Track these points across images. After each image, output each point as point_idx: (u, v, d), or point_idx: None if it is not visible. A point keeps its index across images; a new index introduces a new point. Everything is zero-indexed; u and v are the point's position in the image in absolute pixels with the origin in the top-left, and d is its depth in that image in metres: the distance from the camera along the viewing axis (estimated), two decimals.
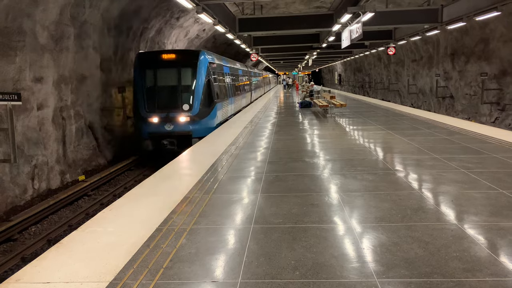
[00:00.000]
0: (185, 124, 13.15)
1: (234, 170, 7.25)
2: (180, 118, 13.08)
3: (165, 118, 13.05)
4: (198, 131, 13.18)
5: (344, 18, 11.45)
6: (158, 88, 13.41)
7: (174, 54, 13.76)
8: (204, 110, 13.53)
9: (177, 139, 13.16)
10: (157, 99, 13.27)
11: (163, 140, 12.98)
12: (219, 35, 24.93)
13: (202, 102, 13.48)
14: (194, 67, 13.50)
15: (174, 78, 13.45)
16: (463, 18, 13.50)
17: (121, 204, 5.37)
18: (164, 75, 13.50)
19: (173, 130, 13.08)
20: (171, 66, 13.51)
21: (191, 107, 13.22)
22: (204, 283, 3.32)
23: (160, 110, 13.15)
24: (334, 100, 18.29)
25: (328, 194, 5.64)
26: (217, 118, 14.53)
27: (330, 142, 9.98)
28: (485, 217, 4.60)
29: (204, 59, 13.92)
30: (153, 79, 13.41)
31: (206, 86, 13.64)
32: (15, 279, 3.42)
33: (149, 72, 13.46)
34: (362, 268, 3.48)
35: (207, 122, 13.72)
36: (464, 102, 20.45)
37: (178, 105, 13.19)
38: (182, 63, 13.55)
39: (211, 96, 14.01)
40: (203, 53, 14.14)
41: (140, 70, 13.47)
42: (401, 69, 29.77)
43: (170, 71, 13.52)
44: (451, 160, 7.52)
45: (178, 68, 13.47)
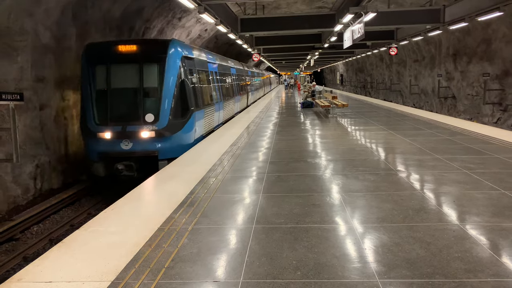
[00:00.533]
0: (148, 141, 9.65)
1: (236, 170, 7.26)
2: (141, 133, 9.59)
3: (121, 134, 9.56)
4: (167, 150, 9.79)
5: (346, 18, 11.45)
6: (112, 92, 9.89)
7: (135, 44, 10.07)
8: (175, 122, 9.97)
9: (137, 162, 9.73)
10: (110, 107, 9.79)
11: (117, 164, 9.50)
12: (221, 35, 24.94)
13: (173, 111, 9.89)
14: (162, 62, 9.99)
15: (134, 78, 9.94)
16: (465, 19, 13.48)
17: (123, 204, 5.38)
18: (120, 74, 10.03)
19: (132, 150, 9.61)
20: (130, 61, 10.02)
21: (157, 117, 9.68)
22: (206, 283, 3.32)
23: (114, 122, 9.66)
24: (336, 100, 18.29)
25: (330, 194, 5.64)
26: (195, 131, 10.89)
27: (332, 142, 9.97)
28: (487, 217, 4.59)
29: (175, 52, 10.26)
30: (104, 80, 9.95)
31: (179, 89, 10.12)
32: (17, 278, 3.43)
33: (100, 69, 10.00)
34: (363, 268, 3.48)
35: (181, 137, 10.15)
36: (466, 102, 20.42)
37: (139, 115, 9.69)
38: (146, 57, 10.03)
39: (186, 102, 10.40)
40: (175, 44, 10.44)
41: (88, 67, 10.01)
42: (403, 69, 29.74)
43: (128, 68, 10.03)
44: (453, 160, 7.51)
45: (139, 64, 9.95)
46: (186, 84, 10.51)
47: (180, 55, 10.45)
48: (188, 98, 10.50)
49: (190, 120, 10.51)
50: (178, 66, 10.21)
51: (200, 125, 11.52)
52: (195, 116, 10.84)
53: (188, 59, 11.15)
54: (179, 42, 10.91)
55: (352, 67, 49.21)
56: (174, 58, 10.17)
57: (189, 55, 11.22)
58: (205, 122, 12.21)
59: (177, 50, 10.41)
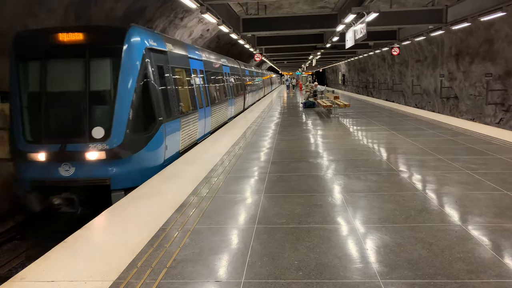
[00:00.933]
0: (97, 165, 7.01)
1: (237, 170, 7.26)
2: (87, 155, 6.96)
3: (59, 155, 6.94)
4: (123, 177, 7.09)
5: (348, 18, 11.44)
6: (48, 98, 7.24)
7: (80, 32, 7.40)
8: (135, 138, 7.30)
9: (81, 193, 7.12)
10: (45, 119, 7.19)
11: (52, 197, 6.99)
12: (223, 35, 24.95)
13: (133, 122, 7.22)
14: (116, 56, 7.31)
15: (78, 78, 7.30)
16: (468, 19, 13.45)
17: (125, 204, 5.39)
18: (58, 73, 7.38)
19: (74, 177, 6.96)
20: (72, 56, 7.40)
21: (108, 132, 7.03)
22: (208, 282, 3.32)
23: (49, 139, 7.06)
24: (337, 101, 18.27)
25: (332, 195, 5.64)
26: (165, 149, 8.17)
27: (334, 143, 9.97)
28: (490, 218, 4.59)
29: (137, 43, 7.59)
30: (38, 81, 7.31)
31: (141, 92, 7.45)
32: (19, 277, 3.44)
33: (32, 67, 7.39)
34: (365, 268, 3.48)
35: (143, 158, 7.47)
36: (468, 102, 20.38)
37: (84, 129, 7.05)
38: (94, 50, 7.38)
39: (151, 110, 7.73)
40: (135, 31, 7.68)
41: (17, 64, 7.41)
42: (405, 69, 29.69)
43: (70, 64, 7.42)
44: (455, 161, 7.49)
45: (86, 58, 7.30)
46: (152, 86, 7.76)
47: (143, 46, 7.71)
48: (155, 105, 7.78)
49: (158, 134, 7.81)
50: (140, 61, 7.49)
51: (174, 140, 8.76)
52: (165, 128, 8.11)
53: (157, 53, 8.43)
54: (143, 30, 8.05)
55: (354, 67, 49.17)
56: (135, 50, 7.49)
57: (158, 48, 8.50)
58: (183, 135, 9.41)
59: (139, 40, 7.65)
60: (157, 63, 8.33)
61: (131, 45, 7.46)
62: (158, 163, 7.87)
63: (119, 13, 13.93)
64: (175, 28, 19.28)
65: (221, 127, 14.17)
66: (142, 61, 7.58)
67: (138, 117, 7.38)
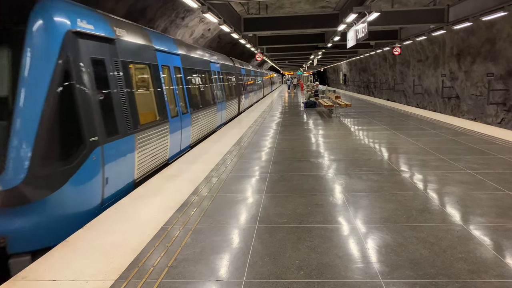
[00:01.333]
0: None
1: (238, 169, 7.26)
2: None
3: None
4: (29, 233, 4.47)
5: (349, 18, 11.43)
6: None
7: None
8: (47, 172, 4.58)
9: None
10: None
11: None
12: (224, 35, 24.95)
13: (41, 148, 4.53)
14: (15, 44, 4.67)
15: None
16: (469, 18, 13.44)
17: (126, 203, 5.40)
18: None
19: None
20: None
21: (1, 164, 4.34)
22: (209, 282, 3.32)
23: None
24: (339, 100, 18.26)
25: (333, 194, 5.63)
26: (103, 183, 5.47)
27: (335, 142, 9.96)
28: (491, 218, 4.58)
29: (52, 23, 4.86)
30: None
31: (58, 100, 4.76)
32: (21, 276, 3.44)
33: None
34: (366, 268, 3.48)
35: (63, 203, 4.80)
36: (470, 102, 20.35)
37: None
38: None
39: (77, 128, 5.04)
40: (51, 5, 4.92)
41: None
42: (406, 69, 29.67)
43: None
44: (457, 161, 7.48)
45: None
46: (79, 91, 5.12)
47: (65, 28, 5.02)
48: (83, 119, 5.11)
49: (88, 163, 5.13)
50: (58, 52, 4.86)
51: (124, 166, 6.11)
52: (103, 152, 5.44)
53: (94, 40, 5.69)
54: (66, 3, 5.31)
55: (355, 67, 49.14)
56: (49, 34, 4.84)
57: (96, 33, 5.71)
58: (142, 156, 6.77)
59: (58, 18, 4.96)
60: (93, 55, 5.59)
61: (42, 25, 4.76)
62: (91, 206, 5.19)
63: (120, 13, 13.95)
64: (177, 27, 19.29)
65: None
66: (61, 51, 4.88)
67: (51, 138, 4.66)
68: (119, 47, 6.49)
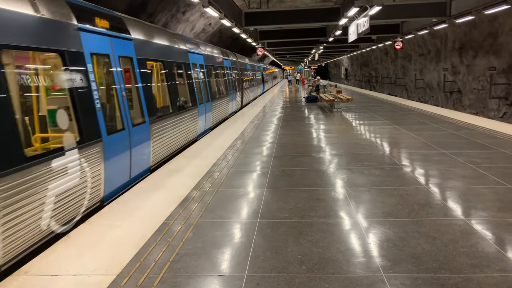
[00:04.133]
0: None
1: (240, 164, 7.25)
2: None
3: None
4: None
5: (351, 11, 11.37)
6: None
7: None
8: None
9: None
10: None
11: None
12: (225, 29, 24.86)
13: None
14: None
15: None
16: (472, 12, 13.36)
17: (128, 198, 5.40)
18: None
19: None
20: None
21: None
22: (211, 276, 3.33)
23: None
24: (340, 95, 18.21)
25: (335, 189, 5.63)
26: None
27: (337, 137, 9.94)
28: (493, 212, 4.57)
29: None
30: None
31: None
32: (24, 271, 3.45)
33: None
34: (368, 263, 3.47)
35: None
36: (472, 96, 20.28)
37: None
38: None
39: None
40: None
41: None
42: (408, 63, 29.55)
43: None
44: (459, 155, 7.46)
45: None
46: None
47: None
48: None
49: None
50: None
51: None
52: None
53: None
54: None
55: (357, 61, 48.97)
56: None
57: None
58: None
59: None
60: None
61: None
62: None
63: (121, 7, 13.90)
64: (177, 22, 19.22)
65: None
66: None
67: None
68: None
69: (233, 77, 17.70)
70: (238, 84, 19.07)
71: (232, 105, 16.63)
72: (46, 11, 4.60)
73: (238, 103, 18.28)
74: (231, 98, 16.17)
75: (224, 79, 16.03)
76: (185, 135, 9.51)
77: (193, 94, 10.63)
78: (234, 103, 17.28)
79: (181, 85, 9.91)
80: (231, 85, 16.95)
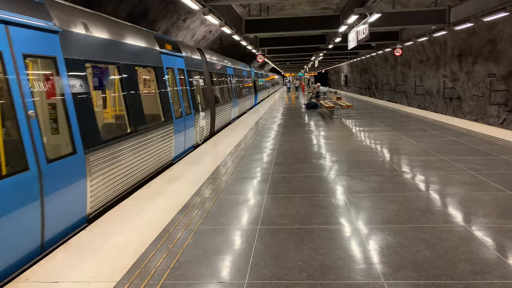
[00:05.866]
0: None
1: (240, 171, 7.26)
2: None
3: None
4: None
5: (350, 19, 11.43)
6: None
7: None
8: None
9: None
10: None
11: None
12: (225, 37, 24.98)
13: None
14: None
15: None
16: (471, 19, 13.42)
17: (128, 205, 5.40)
18: None
19: None
20: None
21: None
22: (211, 283, 3.32)
23: None
24: (340, 102, 18.25)
25: (335, 196, 5.63)
26: None
27: (337, 144, 9.95)
28: (494, 219, 4.57)
29: None
30: None
31: None
32: (24, 278, 3.45)
33: None
34: (369, 269, 3.47)
35: None
36: (471, 103, 20.31)
37: None
38: None
39: None
40: None
41: None
42: (408, 70, 29.64)
43: None
44: (459, 161, 7.47)
45: None
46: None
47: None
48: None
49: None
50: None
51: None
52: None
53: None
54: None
55: (356, 68, 49.12)
56: None
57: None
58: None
59: None
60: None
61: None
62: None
63: (122, 15, 13.98)
64: (178, 29, 19.33)
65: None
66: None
67: None
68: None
69: (191, 87, 10.72)
70: (203, 99, 11.89)
71: (186, 137, 9.63)
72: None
73: (202, 130, 11.23)
74: (178, 127, 8.90)
75: (203, 88, 12.04)
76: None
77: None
78: (190, 133, 9.96)
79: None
80: (184, 100, 9.96)
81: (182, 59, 10.10)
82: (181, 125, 9.13)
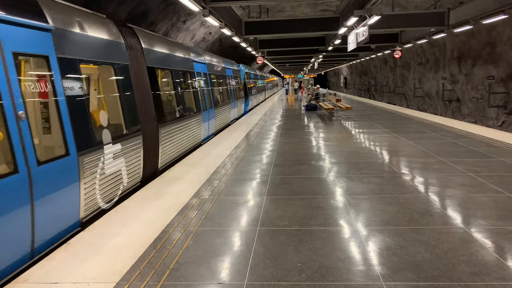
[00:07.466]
0: None
1: (240, 172, 7.26)
2: None
3: None
4: None
5: (350, 21, 11.45)
6: None
7: None
8: None
9: None
10: None
11: None
12: (225, 38, 25.01)
13: None
14: None
15: None
16: (470, 21, 13.47)
17: (128, 206, 5.40)
18: None
19: None
20: None
21: None
22: (211, 284, 3.32)
23: None
24: (340, 103, 18.27)
25: (334, 197, 5.63)
26: None
27: (336, 145, 9.96)
28: (493, 220, 4.57)
29: None
30: None
31: None
32: (23, 279, 3.44)
33: None
34: (368, 271, 3.47)
35: None
36: (470, 105, 20.34)
37: None
38: None
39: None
40: None
41: None
42: (407, 72, 29.69)
43: None
44: (458, 163, 7.48)
45: None
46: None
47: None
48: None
49: None
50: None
51: None
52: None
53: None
54: None
55: (356, 70, 49.17)
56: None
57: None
58: None
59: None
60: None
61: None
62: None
63: (122, 16, 13.99)
64: (178, 31, 19.35)
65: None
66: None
67: None
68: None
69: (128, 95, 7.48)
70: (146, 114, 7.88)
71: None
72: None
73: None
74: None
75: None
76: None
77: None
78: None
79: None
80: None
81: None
82: None
